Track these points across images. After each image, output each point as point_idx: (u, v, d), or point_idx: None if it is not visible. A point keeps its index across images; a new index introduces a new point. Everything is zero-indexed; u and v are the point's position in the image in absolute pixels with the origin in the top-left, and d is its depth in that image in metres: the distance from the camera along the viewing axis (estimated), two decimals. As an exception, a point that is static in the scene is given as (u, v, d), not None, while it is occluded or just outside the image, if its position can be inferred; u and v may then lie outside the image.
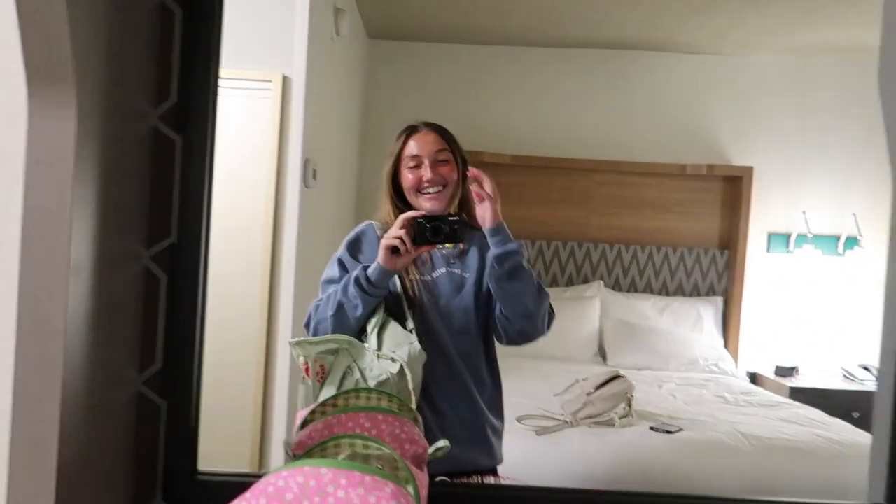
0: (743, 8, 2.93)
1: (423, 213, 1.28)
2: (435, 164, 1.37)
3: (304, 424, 0.93)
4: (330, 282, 1.37)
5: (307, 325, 1.35)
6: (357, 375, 1.23)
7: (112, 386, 0.80)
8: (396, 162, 1.40)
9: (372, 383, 1.17)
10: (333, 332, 1.29)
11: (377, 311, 1.30)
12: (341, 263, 1.37)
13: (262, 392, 1.94)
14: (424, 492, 0.82)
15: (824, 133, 3.42)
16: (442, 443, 0.93)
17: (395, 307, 1.33)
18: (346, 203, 2.73)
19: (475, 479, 1.37)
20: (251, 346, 1.96)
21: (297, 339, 1.27)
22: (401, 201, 1.40)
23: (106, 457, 0.81)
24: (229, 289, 2.00)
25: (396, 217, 1.36)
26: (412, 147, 1.39)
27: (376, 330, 1.28)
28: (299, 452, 0.83)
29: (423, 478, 0.85)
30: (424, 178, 1.37)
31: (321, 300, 1.34)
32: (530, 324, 1.34)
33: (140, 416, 0.85)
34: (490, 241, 1.30)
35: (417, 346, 1.26)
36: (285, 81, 1.99)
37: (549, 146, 3.35)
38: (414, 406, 1.25)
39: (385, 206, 1.41)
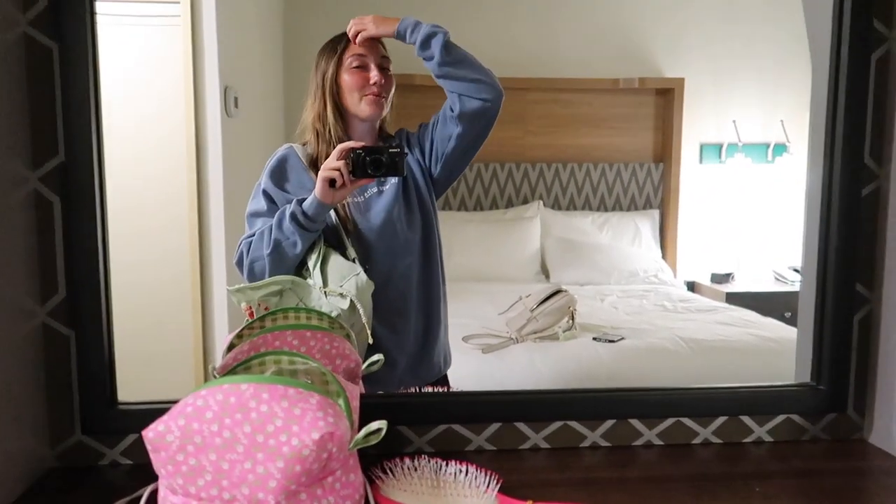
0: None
1: (362, 144, 1.22)
2: (380, 69, 1.31)
3: (230, 348, 0.90)
4: (256, 215, 1.30)
5: (239, 264, 1.29)
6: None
7: (12, 320, 0.75)
8: (337, 64, 1.31)
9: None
10: (271, 270, 1.24)
11: (317, 244, 1.26)
12: (267, 195, 1.30)
13: (202, 330, 1.88)
14: (356, 403, 0.80)
15: (752, 41, 3.43)
16: (375, 357, 0.92)
17: (332, 237, 1.28)
18: (274, 129, 2.61)
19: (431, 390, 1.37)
20: (184, 284, 1.89)
21: (236, 286, 1.22)
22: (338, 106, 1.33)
23: (16, 395, 0.76)
24: (156, 228, 1.92)
25: (327, 120, 1.30)
26: (357, 48, 1.31)
27: (318, 264, 1.24)
28: (223, 374, 0.80)
29: (355, 391, 0.83)
30: (372, 80, 1.30)
31: (251, 236, 1.27)
32: (489, 88, 1.29)
33: (48, 350, 0.80)
34: (408, 39, 1.25)
35: (363, 276, 1.22)
36: (194, 4, 1.85)
37: (481, 67, 3.27)
38: (370, 339, 1.23)
39: (313, 111, 1.32)
